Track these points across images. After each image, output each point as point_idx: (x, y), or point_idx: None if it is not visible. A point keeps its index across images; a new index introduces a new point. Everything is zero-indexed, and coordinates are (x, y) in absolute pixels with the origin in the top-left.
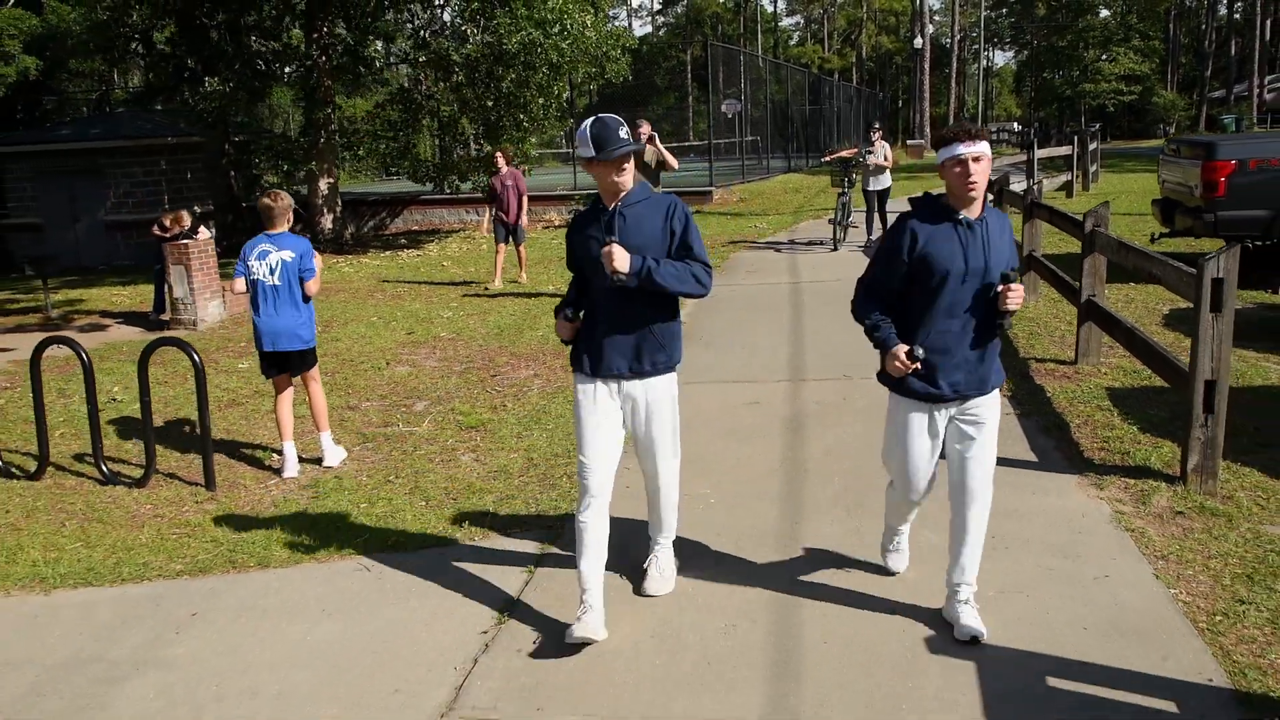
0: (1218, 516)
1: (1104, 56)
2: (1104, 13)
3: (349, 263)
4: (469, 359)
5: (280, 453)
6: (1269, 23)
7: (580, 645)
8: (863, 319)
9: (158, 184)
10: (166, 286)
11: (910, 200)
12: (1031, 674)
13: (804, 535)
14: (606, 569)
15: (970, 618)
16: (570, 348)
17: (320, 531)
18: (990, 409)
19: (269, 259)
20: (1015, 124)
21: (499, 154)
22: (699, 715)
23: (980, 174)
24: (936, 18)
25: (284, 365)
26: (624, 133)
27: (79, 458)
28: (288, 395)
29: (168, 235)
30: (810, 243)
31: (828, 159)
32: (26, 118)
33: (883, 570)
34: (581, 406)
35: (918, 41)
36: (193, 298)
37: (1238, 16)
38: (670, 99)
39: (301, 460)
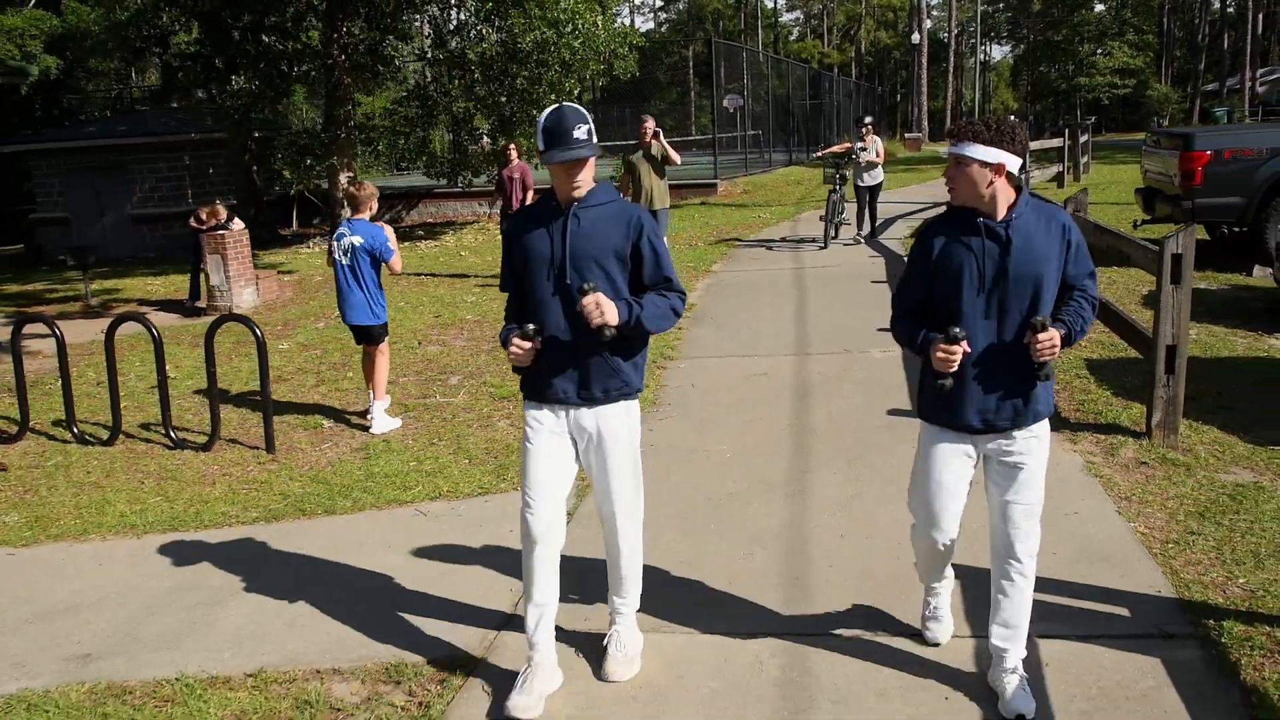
0: (1177, 466)
1: (1099, 50)
2: (1099, 7)
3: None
4: (495, 339)
5: (335, 421)
6: (1261, 16)
7: None
8: (902, 339)
9: (181, 179)
10: (203, 275)
11: (948, 204)
12: None
13: (810, 484)
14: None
15: (1016, 692)
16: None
17: (376, 485)
18: (1032, 447)
19: (343, 242)
20: (1012, 117)
21: (512, 146)
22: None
23: (962, 180)
24: (934, 13)
25: (360, 336)
26: (581, 131)
27: (145, 426)
28: (370, 356)
29: (204, 227)
30: (801, 240)
31: (819, 155)
32: (44, 115)
33: (883, 503)
34: (527, 436)
35: (915, 37)
36: (228, 285)
37: (1231, 10)
38: (673, 94)
39: (353, 425)
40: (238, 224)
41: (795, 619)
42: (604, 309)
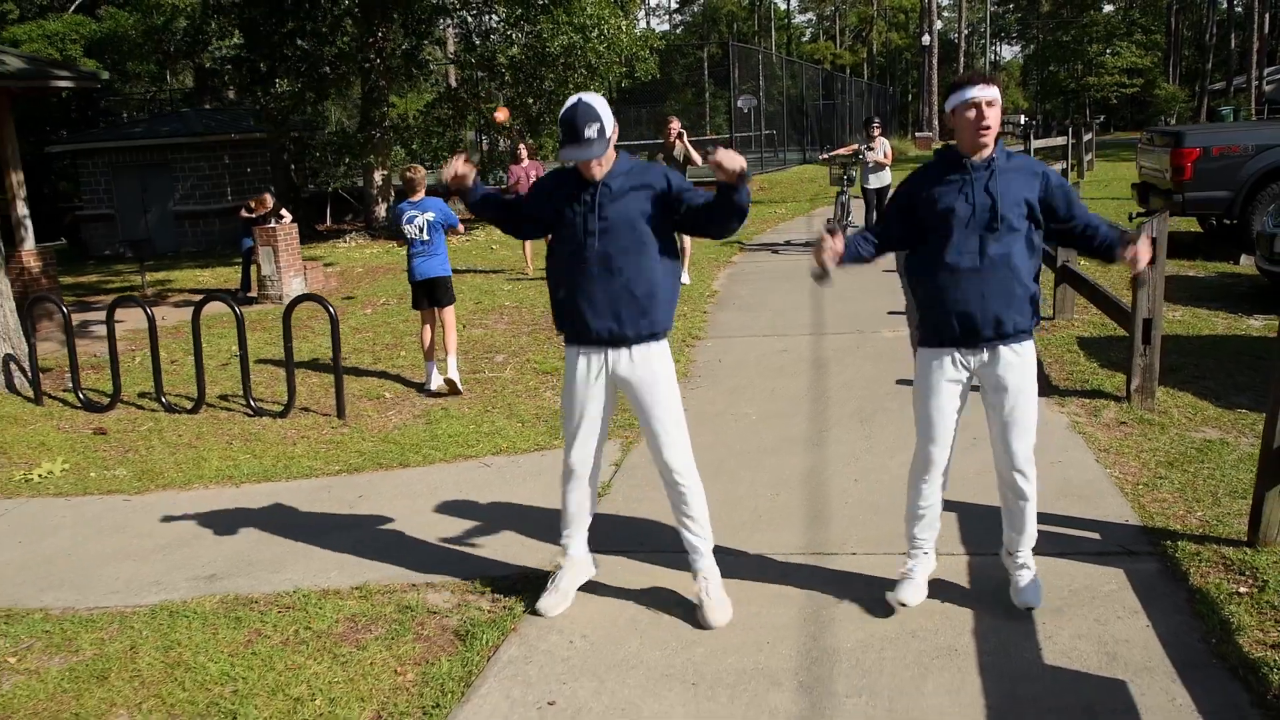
0: (1153, 425)
1: (1107, 50)
2: (1107, 8)
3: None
4: (534, 322)
5: (397, 392)
6: (1268, 16)
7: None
8: (840, 262)
9: (221, 177)
10: (254, 265)
11: (936, 152)
12: (998, 519)
13: (827, 440)
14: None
15: (1030, 585)
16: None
17: (442, 444)
18: (1018, 362)
19: (416, 221)
20: (1022, 117)
21: (522, 145)
22: (761, 541)
23: (993, 118)
24: (945, 14)
25: (432, 296)
26: (592, 130)
27: (223, 397)
28: (429, 327)
29: (254, 216)
30: (808, 244)
31: (825, 158)
32: (80, 117)
33: (891, 453)
34: (567, 376)
35: (925, 39)
36: (279, 275)
37: (1239, 10)
38: (688, 95)
39: (421, 390)
40: (287, 215)
41: (815, 540)
42: (728, 158)
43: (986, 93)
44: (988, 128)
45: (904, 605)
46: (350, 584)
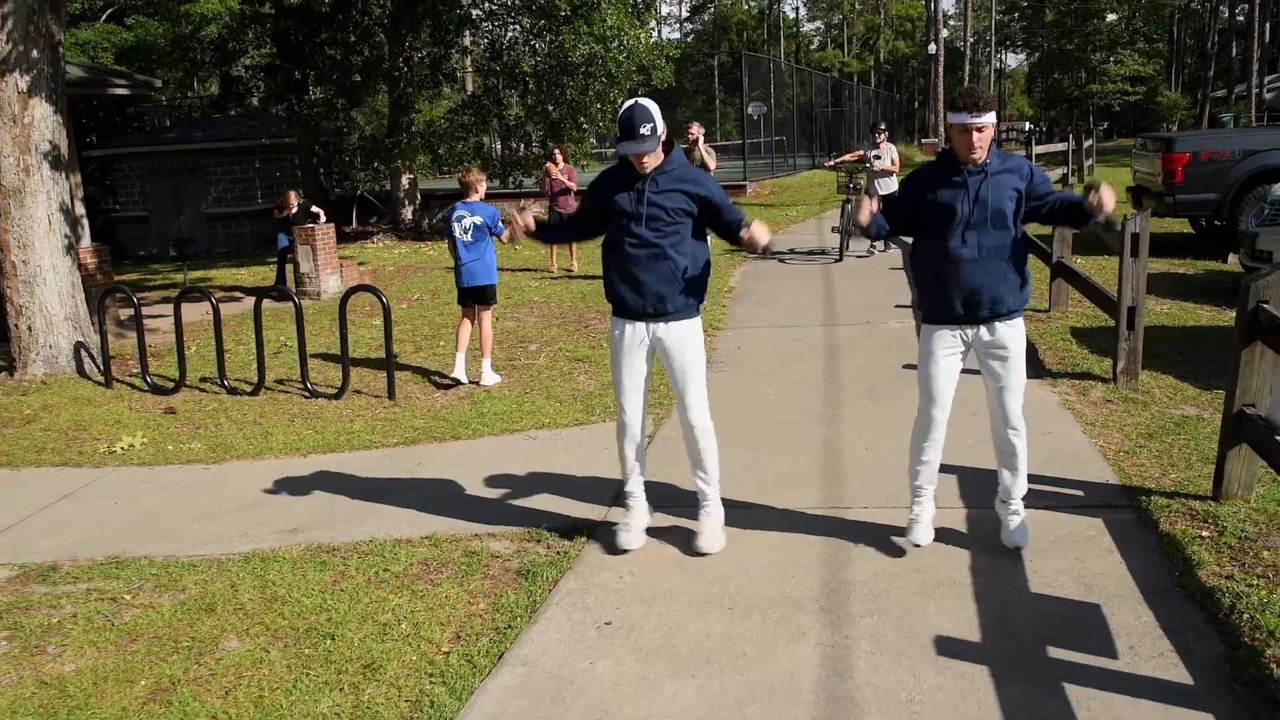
0: (1135, 403)
1: (1110, 59)
2: (1111, 17)
3: (431, 247)
4: (562, 315)
5: (442, 376)
6: (1268, 25)
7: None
8: (867, 230)
9: (252, 181)
10: (288, 264)
11: (937, 154)
12: (994, 480)
13: (840, 416)
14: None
15: (1019, 528)
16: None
17: (488, 420)
18: (1011, 338)
19: (464, 222)
20: (1027, 124)
21: (557, 150)
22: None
23: (982, 141)
24: (951, 23)
25: (477, 298)
26: (646, 129)
27: (279, 382)
28: (468, 323)
29: (284, 215)
30: (812, 253)
31: (831, 164)
32: (108, 123)
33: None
34: (614, 348)
35: (931, 48)
36: (316, 273)
37: (1240, 19)
38: (698, 102)
39: (456, 385)
40: (320, 213)
41: (831, 497)
42: (760, 234)
43: (978, 120)
44: (979, 149)
45: (917, 545)
46: (419, 534)
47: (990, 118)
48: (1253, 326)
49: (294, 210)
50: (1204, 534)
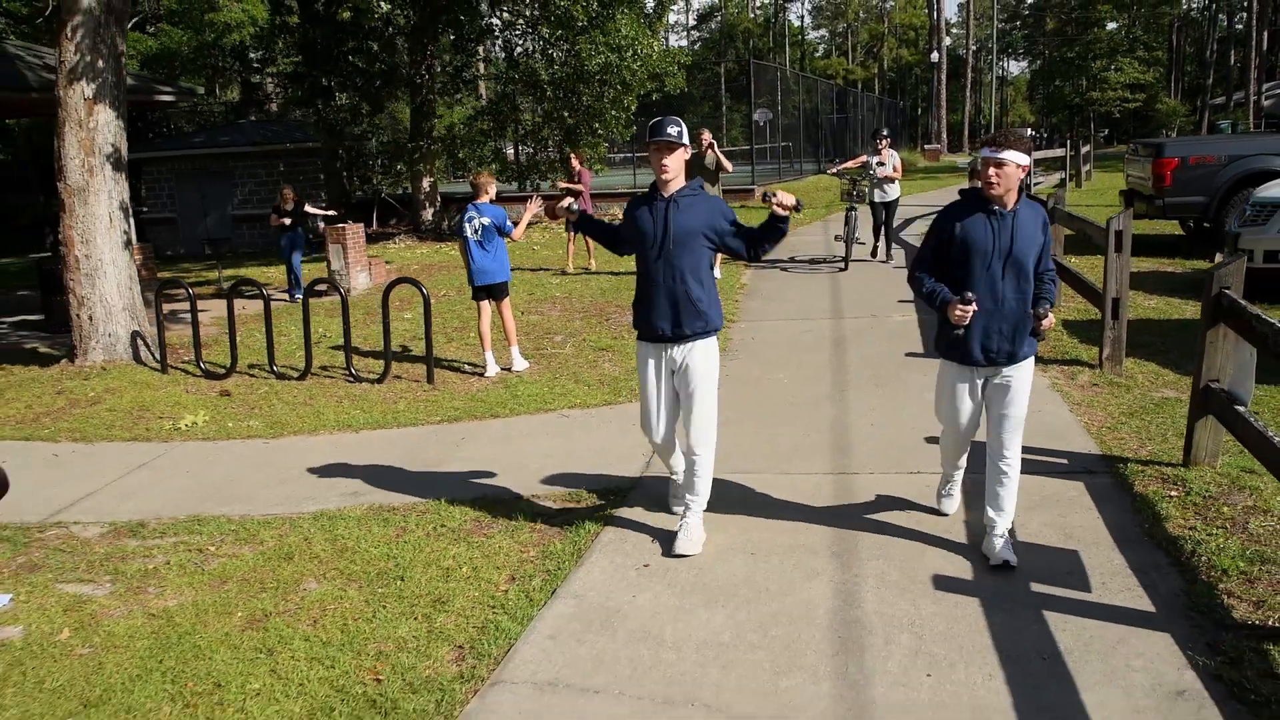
0: (1119, 386)
1: (1111, 66)
2: (1111, 25)
3: (451, 247)
4: (584, 309)
5: (474, 364)
6: (1266, 34)
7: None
8: (919, 287)
9: (276, 183)
10: (324, 260)
11: (960, 192)
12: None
13: (848, 397)
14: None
15: (1003, 549)
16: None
17: (522, 401)
18: (1020, 376)
19: (474, 223)
20: (1029, 130)
21: (574, 155)
22: (794, 466)
23: (998, 177)
24: (953, 31)
25: (490, 294)
26: (673, 130)
27: (322, 368)
28: (487, 317)
29: (280, 218)
30: (813, 260)
31: (834, 172)
32: (130, 128)
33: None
34: (640, 369)
35: (934, 56)
36: (346, 270)
37: (1239, 28)
38: (705, 108)
39: (483, 376)
40: (310, 208)
41: (840, 464)
42: (783, 197)
43: (995, 155)
44: (992, 184)
45: (945, 515)
46: (470, 496)
47: (1010, 155)
48: (1216, 310)
49: (290, 205)
50: (1172, 494)
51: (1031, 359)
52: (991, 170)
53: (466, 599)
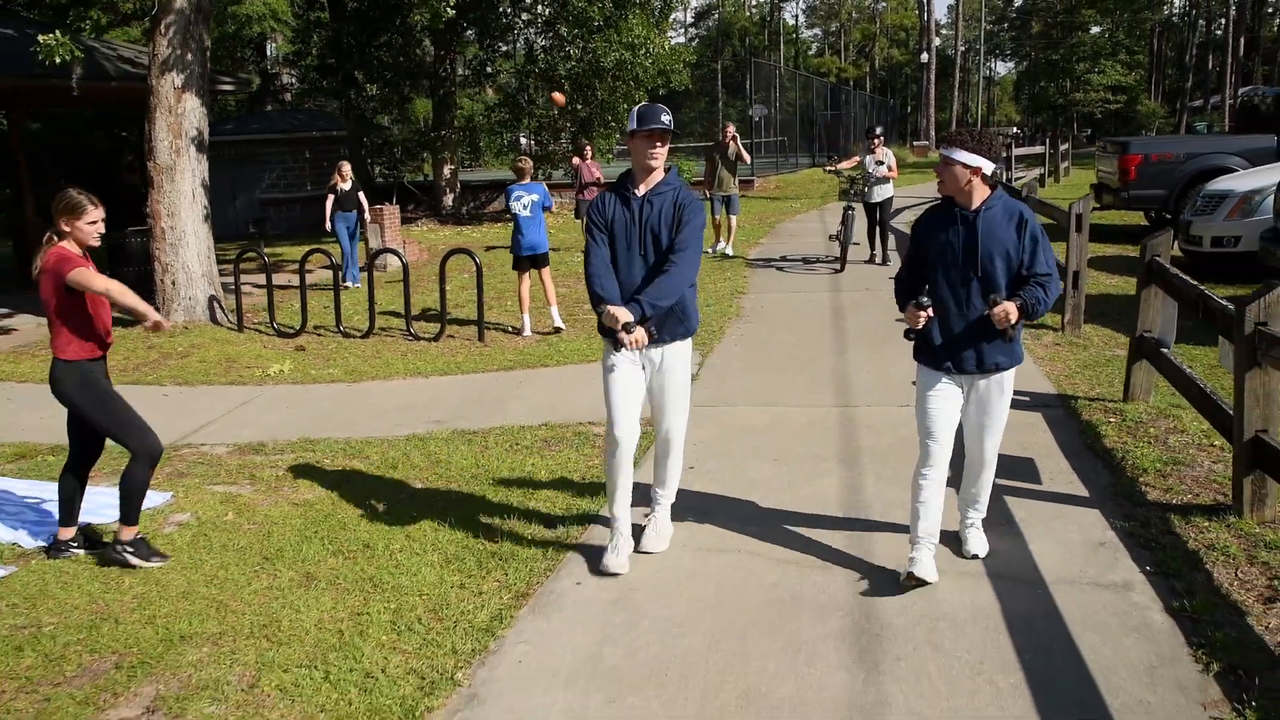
0: (1078, 345)
1: (1094, 69)
2: (1094, 29)
3: (473, 230)
4: None
5: (516, 325)
6: (1243, 40)
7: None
8: (897, 296)
9: (302, 170)
10: (364, 239)
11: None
12: None
13: (846, 355)
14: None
15: (975, 540)
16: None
17: (565, 355)
18: (993, 387)
19: (523, 200)
20: (1014, 128)
21: (586, 146)
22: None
23: (945, 176)
24: (943, 31)
25: (536, 262)
26: (666, 118)
27: (382, 329)
28: (527, 284)
29: (336, 193)
30: (806, 260)
31: (830, 170)
32: None
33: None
34: (608, 370)
35: (924, 56)
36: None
37: (1217, 33)
38: (702, 103)
39: (519, 335)
40: (343, 182)
41: (840, 399)
42: (620, 318)
43: (945, 153)
44: (941, 181)
45: (925, 582)
46: (537, 422)
47: (956, 155)
48: (1148, 273)
49: (348, 184)
50: (1111, 420)
51: (1011, 373)
52: (940, 168)
53: (551, 489)
